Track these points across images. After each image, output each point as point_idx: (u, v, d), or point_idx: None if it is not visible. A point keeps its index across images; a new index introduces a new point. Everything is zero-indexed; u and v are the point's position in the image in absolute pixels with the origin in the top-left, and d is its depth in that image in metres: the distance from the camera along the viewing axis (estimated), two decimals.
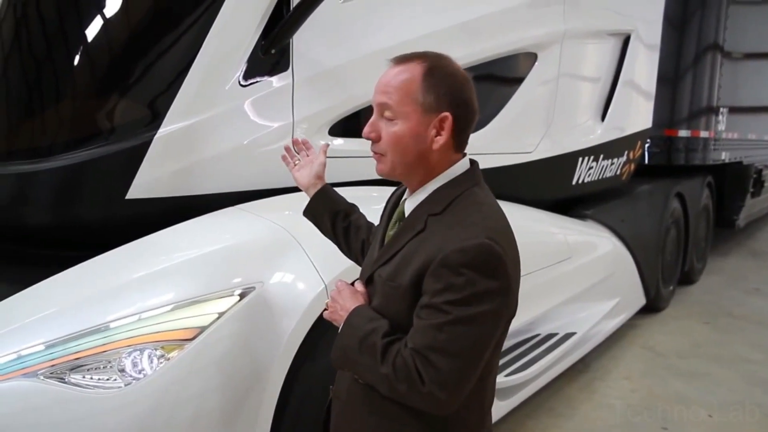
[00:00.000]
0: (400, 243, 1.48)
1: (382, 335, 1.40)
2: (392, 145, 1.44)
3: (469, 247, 1.34)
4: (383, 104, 1.45)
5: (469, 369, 1.36)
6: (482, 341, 1.37)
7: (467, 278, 1.32)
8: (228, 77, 2.55)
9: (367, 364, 1.41)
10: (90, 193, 2.48)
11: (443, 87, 1.43)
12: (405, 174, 1.49)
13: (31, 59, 2.76)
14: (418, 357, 1.33)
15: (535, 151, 3.95)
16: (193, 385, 2.02)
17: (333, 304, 1.56)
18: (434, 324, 1.33)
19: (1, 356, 1.96)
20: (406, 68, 1.45)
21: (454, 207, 1.44)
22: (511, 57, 3.64)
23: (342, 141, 2.84)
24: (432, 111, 1.43)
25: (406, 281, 1.41)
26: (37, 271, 2.27)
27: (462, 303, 1.32)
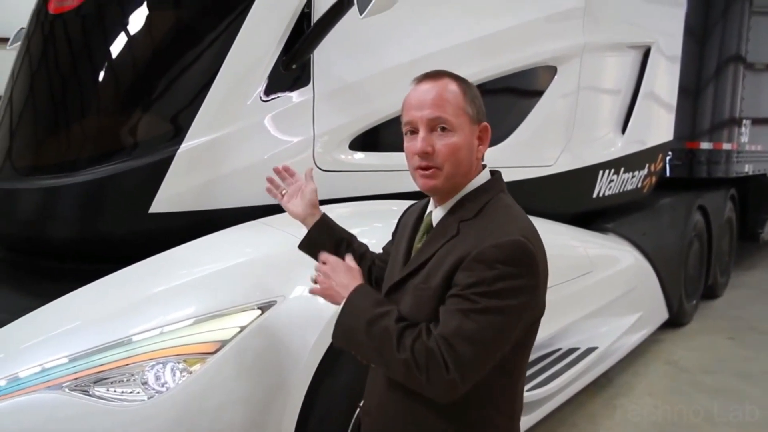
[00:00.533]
0: (430, 251, 1.51)
1: (395, 320, 1.43)
2: (450, 156, 1.49)
3: (504, 243, 1.39)
4: (437, 118, 1.48)
5: (488, 359, 1.40)
6: (505, 333, 1.40)
7: (499, 272, 1.37)
8: (250, 92, 2.58)
9: (376, 347, 1.43)
10: (114, 207, 2.51)
11: (478, 99, 1.53)
12: (453, 186, 1.53)
13: (56, 75, 2.82)
14: (444, 343, 1.36)
15: (555, 165, 3.93)
16: (215, 398, 2.03)
17: (326, 280, 1.57)
18: (462, 310, 1.37)
19: (26, 369, 1.98)
20: (443, 83, 1.50)
21: (485, 212, 1.49)
22: (530, 71, 3.64)
23: (362, 155, 2.86)
24: (476, 122, 1.52)
25: (438, 281, 1.45)
26: (62, 285, 2.30)
27: (491, 295, 1.36)
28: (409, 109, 1.52)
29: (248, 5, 2.56)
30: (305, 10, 2.64)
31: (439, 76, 1.52)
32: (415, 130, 1.51)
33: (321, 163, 2.71)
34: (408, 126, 1.52)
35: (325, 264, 1.60)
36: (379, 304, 1.47)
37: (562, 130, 3.98)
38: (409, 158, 1.54)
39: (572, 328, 4.00)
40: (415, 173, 1.53)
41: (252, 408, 2.08)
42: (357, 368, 2.22)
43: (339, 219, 2.73)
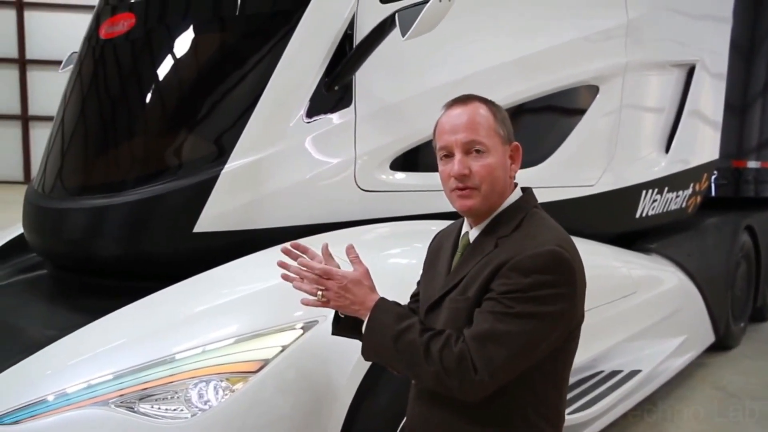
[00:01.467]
0: (467, 267, 1.54)
1: (419, 332, 1.46)
2: (486, 176, 1.52)
3: (540, 252, 1.42)
4: (472, 141, 1.52)
5: (517, 362, 1.42)
6: (537, 339, 1.42)
7: (535, 280, 1.40)
8: (292, 114, 2.62)
9: (405, 360, 1.47)
10: (160, 226, 2.57)
11: (507, 120, 1.57)
12: (490, 205, 1.56)
13: (106, 98, 2.91)
14: (473, 345, 1.39)
15: (597, 184, 3.89)
16: (257, 417, 2.05)
17: (340, 299, 1.56)
18: (494, 313, 1.40)
19: (73, 385, 2.03)
20: (474, 107, 1.55)
21: (521, 227, 1.53)
22: (572, 90, 3.62)
23: (403, 175, 2.87)
24: (507, 142, 1.56)
25: (474, 291, 1.47)
26: (108, 302, 2.36)
27: (526, 300, 1.39)
28: (443, 133, 1.55)
29: (292, 28, 2.61)
30: (348, 32, 2.69)
31: (469, 100, 1.56)
32: (450, 153, 1.54)
33: (362, 183, 2.74)
34: (443, 150, 1.56)
35: (328, 279, 1.57)
36: (401, 318, 1.50)
37: (604, 149, 3.94)
38: (445, 181, 1.56)
39: (615, 350, 3.93)
40: (452, 195, 1.56)
41: (293, 428, 2.09)
42: (398, 388, 2.23)
43: (379, 239, 2.77)
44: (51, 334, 2.31)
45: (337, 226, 2.69)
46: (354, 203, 2.74)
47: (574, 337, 1.54)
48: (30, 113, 13.69)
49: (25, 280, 3.00)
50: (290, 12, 2.68)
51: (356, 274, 1.60)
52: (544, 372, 1.49)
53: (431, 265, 1.74)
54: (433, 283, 1.66)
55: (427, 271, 1.76)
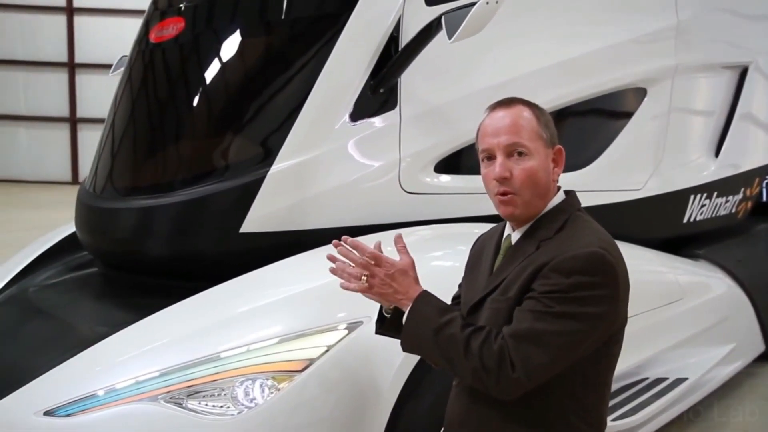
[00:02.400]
0: (509, 269, 1.54)
1: (461, 327, 1.46)
2: (527, 180, 1.52)
3: (582, 254, 1.42)
4: (514, 143, 1.52)
5: (556, 362, 1.41)
6: (576, 340, 1.41)
7: (576, 281, 1.39)
8: (338, 116, 2.64)
9: (444, 354, 1.47)
10: (206, 226, 2.61)
11: (551, 123, 1.57)
12: (533, 209, 1.55)
13: (155, 101, 2.97)
14: (512, 342, 1.39)
15: (644, 189, 3.83)
16: (301, 416, 2.07)
17: (385, 286, 1.56)
18: (534, 312, 1.40)
19: (121, 381, 2.08)
20: (517, 110, 1.55)
21: (564, 230, 1.52)
22: (619, 93, 3.56)
23: (447, 178, 2.87)
24: (550, 145, 1.55)
25: (515, 292, 1.47)
26: (156, 300, 2.41)
27: (567, 301, 1.39)
28: (485, 136, 1.56)
29: (338, 31, 2.64)
30: (393, 35, 2.70)
31: (512, 103, 1.57)
32: (492, 156, 1.54)
33: (406, 185, 2.74)
34: (485, 153, 1.56)
35: (377, 265, 1.57)
36: (443, 312, 1.51)
37: (652, 153, 3.88)
38: (488, 184, 1.57)
39: (660, 357, 3.85)
40: (495, 199, 1.57)
41: (336, 428, 2.11)
42: (441, 390, 2.22)
43: (422, 242, 2.77)
44: (101, 331, 2.37)
45: (381, 228, 2.69)
46: (398, 205, 2.74)
47: (616, 340, 1.53)
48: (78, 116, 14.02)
49: (77, 278, 3.07)
50: (336, 15, 2.70)
51: (404, 263, 1.60)
52: (586, 376, 1.49)
53: (473, 268, 1.74)
54: (475, 285, 1.67)
55: (468, 274, 1.76)
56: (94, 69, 13.52)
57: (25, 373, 2.21)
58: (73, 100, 14.02)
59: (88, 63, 13.70)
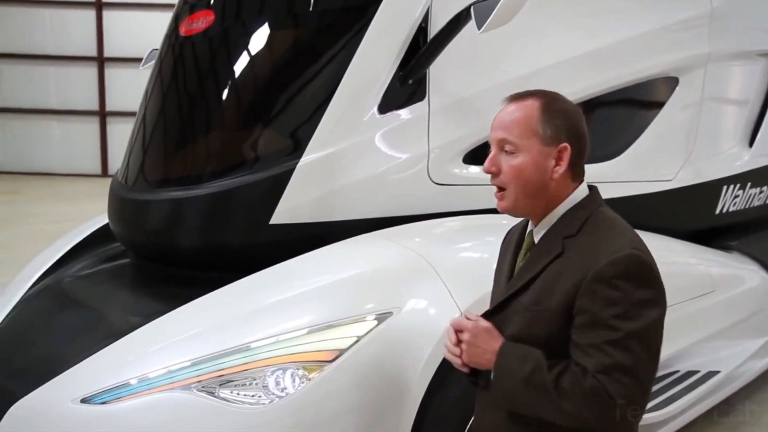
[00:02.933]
0: (535, 268, 1.51)
1: (547, 370, 1.41)
2: (514, 178, 1.51)
3: (618, 259, 1.39)
4: (503, 139, 1.53)
5: (650, 380, 1.41)
6: (654, 351, 1.41)
7: (622, 290, 1.37)
8: (366, 107, 2.64)
9: (538, 402, 1.43)
10: (237, 218, 2.63)
11: (560, 120, 1.51)
12: (527, 207, 1.54)
13: (185, 94, 3.00)
14: (604, 379, 1.36)
15: (675, 179, 3.78)
16: (331, 406, 2.09)
17: (472, 348, 1.52)
18: (608, 342, 1.37)
19: (153, 370, 2.12)
20: (523, 104, 1.53)
21: (587, 227, 1.49)
22: (650, 82, 3.51)
23: (478, 169, 2.85)
24: (551, 143, 1.50)
25: (554, 304, 1.44)
26: (187, 291, 2.44)
27: (627, 317, 1.36)
28: (491, 128, 1.58)
29: (367, 23, 2.63)
30: (422, 26, 2.69)
31: (524, 97, 1.55)
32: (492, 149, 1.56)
33: (435, 176, 2.74)
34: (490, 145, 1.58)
35: (462, 332, 1.55)
36: (525, 359, 1.45)
37: (683, 143, 3.82)
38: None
39: (691, 349, 3.80)
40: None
41: (366, 418, 2.11)
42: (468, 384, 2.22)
43: (449, 233, 2.77)
44: (133, 321, 2.40)
45: (410, 219, 2.70)
46: (426, 197, 2.74)
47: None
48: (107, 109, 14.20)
49: (109, 269, 3.11)
50: (364, 7, 2.70)
51: (479, 320, 1.55)
52: None
53: (500, 262, 1.74)
54: (500, 281, 1.67)
55: (497, 271, 1.75)
56: (123, 63, 13.66)
57: (61, 362, 2.26)
58: (103, 94, 14.18)
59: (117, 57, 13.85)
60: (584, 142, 1.55)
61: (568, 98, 1.60)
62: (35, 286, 2.99)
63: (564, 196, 1.53)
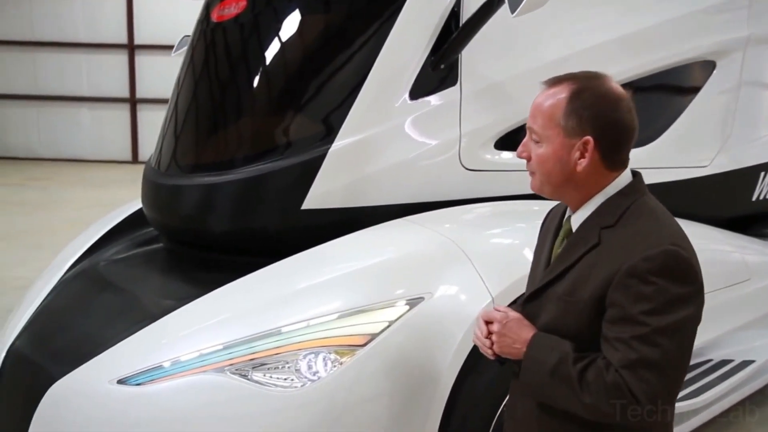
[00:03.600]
0: (571, 258, 1.49)
1: (572, 363, 1.40)
2: (539, 167, 1.50)
3: (654, 254, 1.35)
4: (530, 128, 1.51)
5: (677, 379, 1.37)
6: (684, 349, 1.37)
7: (657, 286, 1.33)
8: (398, 93, 2.63)
9: (562, 394, 1.42)
10: (269, 203, 2.65)
11: (587, 110, 1.45)
12: (553, 193, 1.53)
13: (217, 80, 3.01)
14: (627, 375, 1.33)
15: (711, 165, 3.71)
16: (363, 391, 2.10)
17: (502, 339, 1.53)
18: (635, 337, 1.33)
19: (186, 354, 2.15)
20: (553, 92, 1.48)
21: (627, 218, 1.45)
22: (686, 66, 3.45)
23: (510, 155, 2.83)
24: (575, 134, 1.45)
25: (587, 296, 1.42)
26: (219, 275, 2.46)
27: (657, 312, 1.33)
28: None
29: (399, 7, 2.62)
30: (455, 10, 2.66)
31: (557, 83, 1.50)
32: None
33: (466, 162, 2.72)
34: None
35: (491, 323, 1.55)
36: (553, 350, 1.44)
37: (719, 129, 3.75)
38: None
39: (725, 338, 3.75)
40: None
41: (397, 403, 2.12)
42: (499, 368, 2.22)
43: (480, 219, 2.76)
44: (167, 305, 2.44)
45: (441, 205, 2.69)
46: (458, 182, 2.73)
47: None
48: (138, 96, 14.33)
49: (143, 253, 3.15)
50: None
51: (508, 312, 1.56)
52: None
53: (540, 245, 1.70)
54: (537, 267, 1.64)
55: (537, 250, 1.72)
56: (152, 50, 13.77)
57: (98, 344, 2.30)
58: (133, 81, 14.31)
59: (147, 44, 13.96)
60: (620, 131, 1.47)
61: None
62: (71, 270, 3.04)
63: (601, 186, 1.49)
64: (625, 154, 1.50)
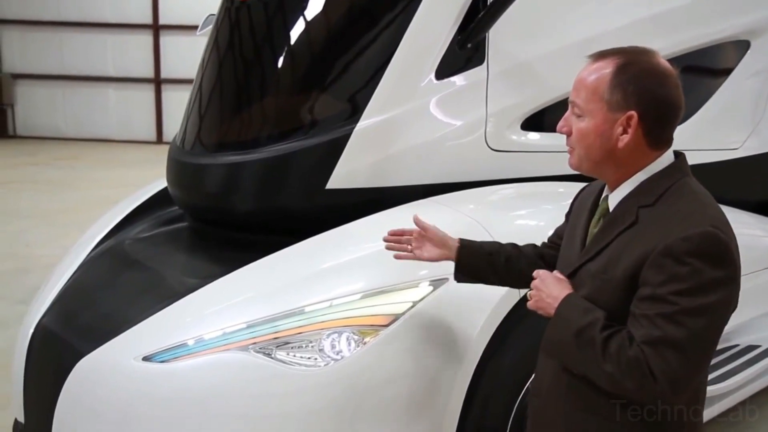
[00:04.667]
0: (608, 237, 1.47)
1: (600, 329, 1.38)
2: (579, 141, 1.47)
3: (693, 235, 1.32)
4: (572, 102, 1.48)
5: (699, 363, 1.35)
6: (711, 334, 1.34)
7: (692, 268, 1.30)
8: (424, 72, 2.61)
9: (584, 358, 1.41)
10: (293, 182, 2.64)
11: (632, 85, 1.41)
12: (592, 170, 1.50)
13: (242, 60, 3.00)
14: (648, 352, 1.31)
15: (742, 148, 3.64)
16: (386, 371, 2.10)
17: (537, 293, 1.53)
18: (661, 315, 1.31)
19: (209, 332, 2.16)
20: (599, 66, 1.45)
21: (667, 198, 1.42)
22: (718, 46, 3.37)
23: (537, 135, 2.80)
24: (619, 109, 1.42)
25: (620, 273, 1.40)
26: (243, 254, 2.47)
27: (689, 293, 1.30)
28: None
29: None
30: None
31: (602, 57, 1.47)
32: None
33: (492, 142, 2.70)
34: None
35: (535, 278, 1.56)
36: (585, 312, 1.42)
37: (751, 110, 3.66)
38: None
39: (752, 324, 3.70)
40: None
41: (420, 383, 2.12)
42: (523, 349, 2.21)
43: (505, 200, 2.73)
44: (191, 283, 2.46)
45: (466, 185, 2.67)
46: (484, 163, 2.70)
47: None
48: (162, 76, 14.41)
49: (168, 232, 3.18)
50: None
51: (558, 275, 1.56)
52: None
53: (573, 224, 1.67)
54: (571, 246, 1.61)
55: (569, 230, 1.69)
56: (177, 30, 13.82)
57: (123, 321, 2.33)
58: (158, 61, 14.39)
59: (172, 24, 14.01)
60: (666, 107, 1.43)
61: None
62: (97, 248, 3.07)
63: (642, 164, 1.46)
64: (669, 132, 1.47)
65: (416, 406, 2.12)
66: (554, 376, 1.55)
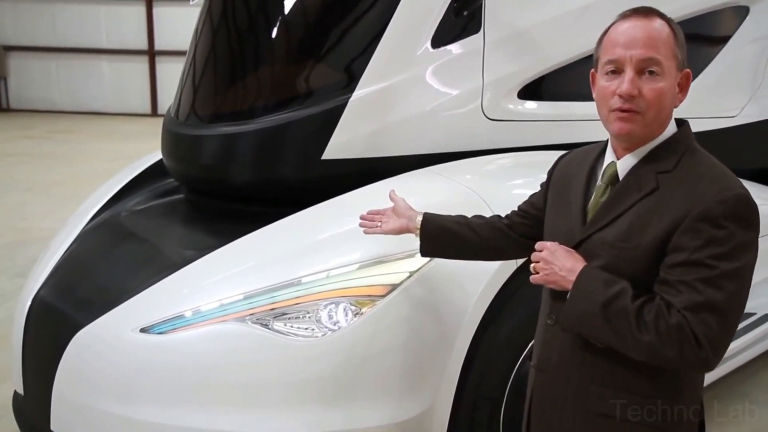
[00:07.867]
0: (623, 205, 1.43)
1: (631, 299, 1.35)
2: (654, 102, 1.40)
3: (728, 198, 1.32)
4: (650, 59, 1.39)
5: (735, 326, 1.34)
6: (743, 295, 1.34)
7: (729, 230, 1.30)
8: (420, 41, 2.58)
9: (614, 330, 1.36)
10: (289, 153, 2.63)
11: (684, 45, 1.43)
12: (649, 133, 1.43)
13: (235, 30, 2.96)
14: (691, 318, 1.29)
15: (740, 115, 3.61)
16: (382, 341, 2.10)
17: (546, 266, 1.47)
18: (701, 279, 1.30)
19: (206, 303, 2.16)
20: (655, 22, 1.41)
21: (684, 163, 1.41)
22: (717, 12, 3.33)
23: (534, 104, 2.77)
24: (682, 68, 1.43)
25: (647, 242, 1.38)
26: (240, 226, 2.46)
27: (726, 257, 1.30)
28: (615, 46, 1.41)
29: None
30: None
31: (651, 13, 1.42)
32: (620, 69, 1.40)
33: (489, 112, 2.67)
34: (611, 65, 1.42)
35: (542, 251, 1.50)
36: (609, 283, 1.38)
37: (750, 77, 3.63)
38: (607, 99, 1.43)
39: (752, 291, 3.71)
40: (610, 116, 1.43)
41: (417, 353, 2.13)
42: (520, 318, 2.22)
43: (502, 170, 2.72)
44: (187, 255, 2.45)
45: (463, 155, 2.66)
46: (480, 132, 2.69)
47: None
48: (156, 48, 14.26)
49: (163, 204, 3.16)
50: None
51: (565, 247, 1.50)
52: None
53: (561, 195, 1.61)
54: (566, 217, 1.54)
55: (557, 200, 1.63)
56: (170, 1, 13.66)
57: (121, 293, 2.33)
58: (151, 33, 14.24)
59: None
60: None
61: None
62: (94, 220, 3.06)
63: (666, 127, 1.45)
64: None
65: (413, 376, 2.13)
66: (566, 350, 1.50)
